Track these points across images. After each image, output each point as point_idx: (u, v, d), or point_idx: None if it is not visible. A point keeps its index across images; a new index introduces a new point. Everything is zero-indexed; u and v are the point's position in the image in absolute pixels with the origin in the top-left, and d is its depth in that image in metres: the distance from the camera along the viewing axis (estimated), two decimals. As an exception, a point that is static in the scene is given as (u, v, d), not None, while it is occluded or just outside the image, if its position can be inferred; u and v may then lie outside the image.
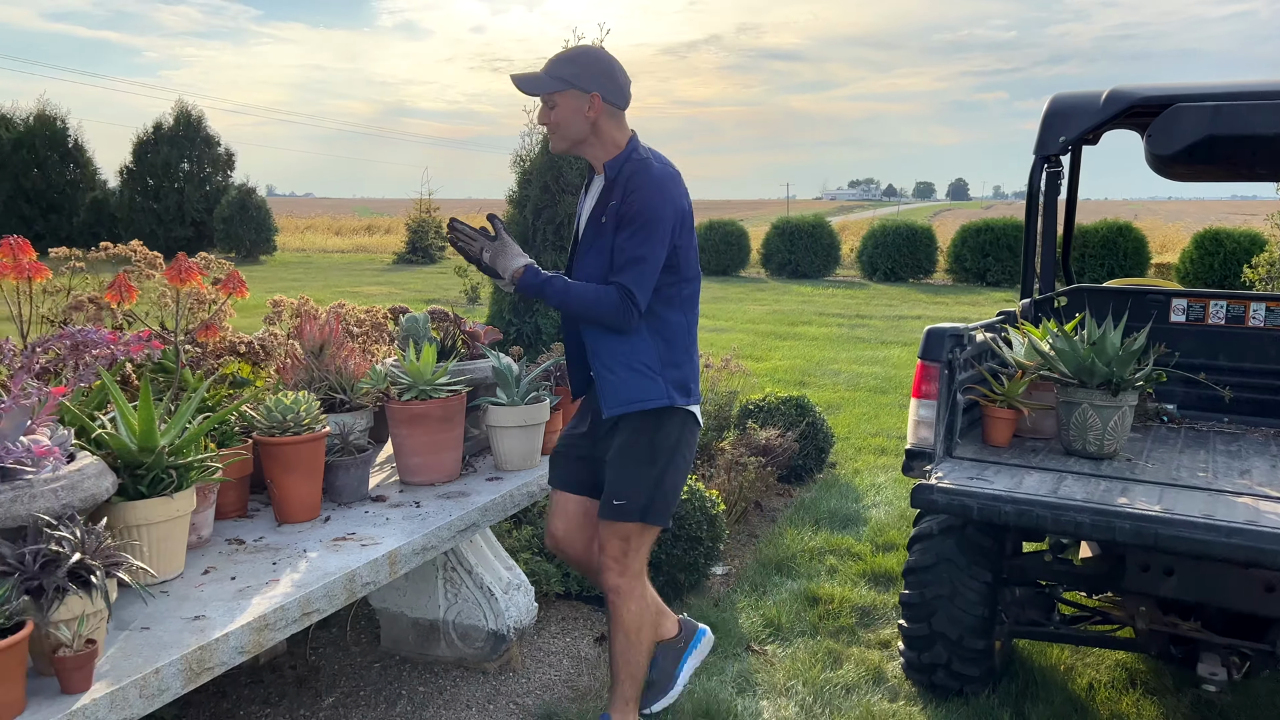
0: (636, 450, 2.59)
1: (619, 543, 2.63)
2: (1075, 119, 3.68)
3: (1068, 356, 2.84)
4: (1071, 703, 3.07)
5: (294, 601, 2.15)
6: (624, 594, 2.66)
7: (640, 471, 2.58)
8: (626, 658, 2.69)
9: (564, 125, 2.57)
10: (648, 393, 2.56)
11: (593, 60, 2.55)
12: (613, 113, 2.56)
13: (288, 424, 2.61)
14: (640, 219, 2.48)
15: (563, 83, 2.52)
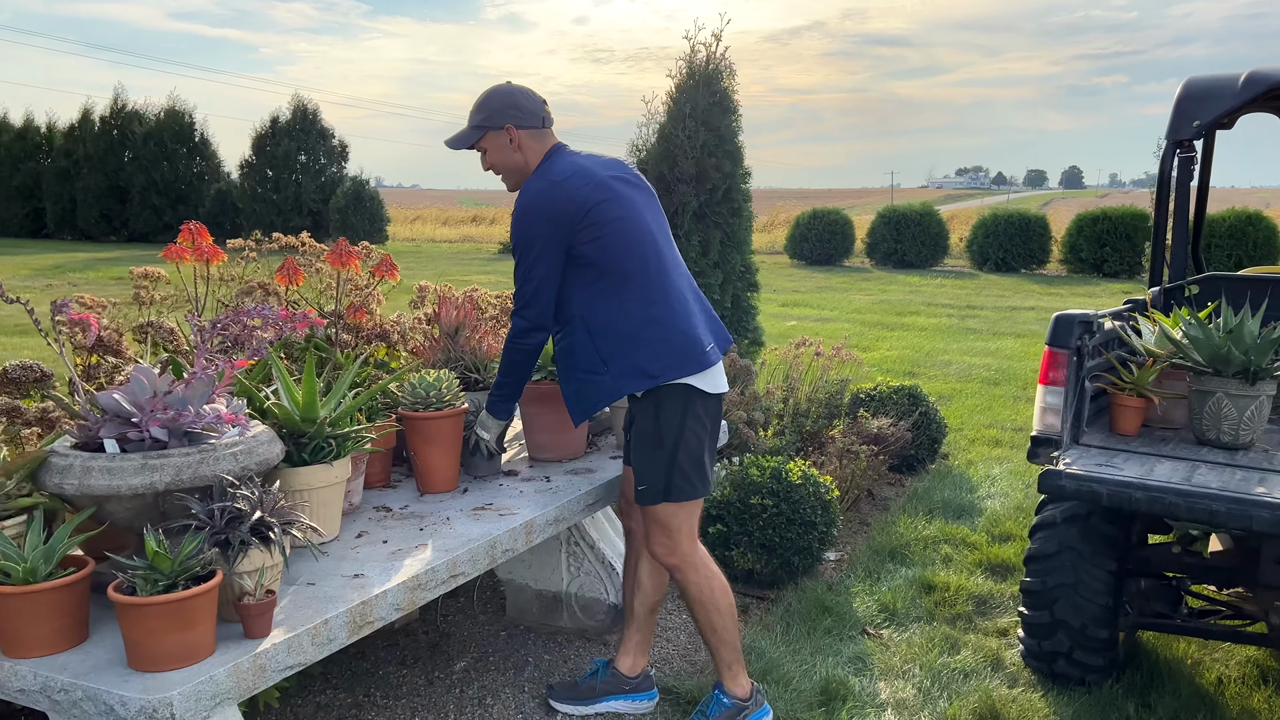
0: (646, 435, 2.66)
1: (659, 525, 2.70)
2: (1211, 102, 3.58)
3: (1202, 345, 2.78)
4: (1199, 697, 3.02)
5: (443, 564, 2.30)
6: (683, 569, 2.73)
7: (654, 455, 2.65)
8: (711, 625, 2.77)
9: (500, 164, 2.71)
10: (597, 393, 2.65)
11: (494, 97, 2.70)
12: (534, 135, 2.69)
13: (430, 400, 2.77)
14: (515, 248, 2.66)
15: (478, 130, 2.69)
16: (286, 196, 25.28)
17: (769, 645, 3.34)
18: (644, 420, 2.65)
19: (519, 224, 2.63)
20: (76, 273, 17.02)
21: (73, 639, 1.87)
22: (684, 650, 3.40)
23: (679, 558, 2.71)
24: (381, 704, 2.99)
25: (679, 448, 2.62)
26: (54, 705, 1.76)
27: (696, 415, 2.64)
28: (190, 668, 1.77)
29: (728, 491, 4.00)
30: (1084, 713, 2.91)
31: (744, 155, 5.50)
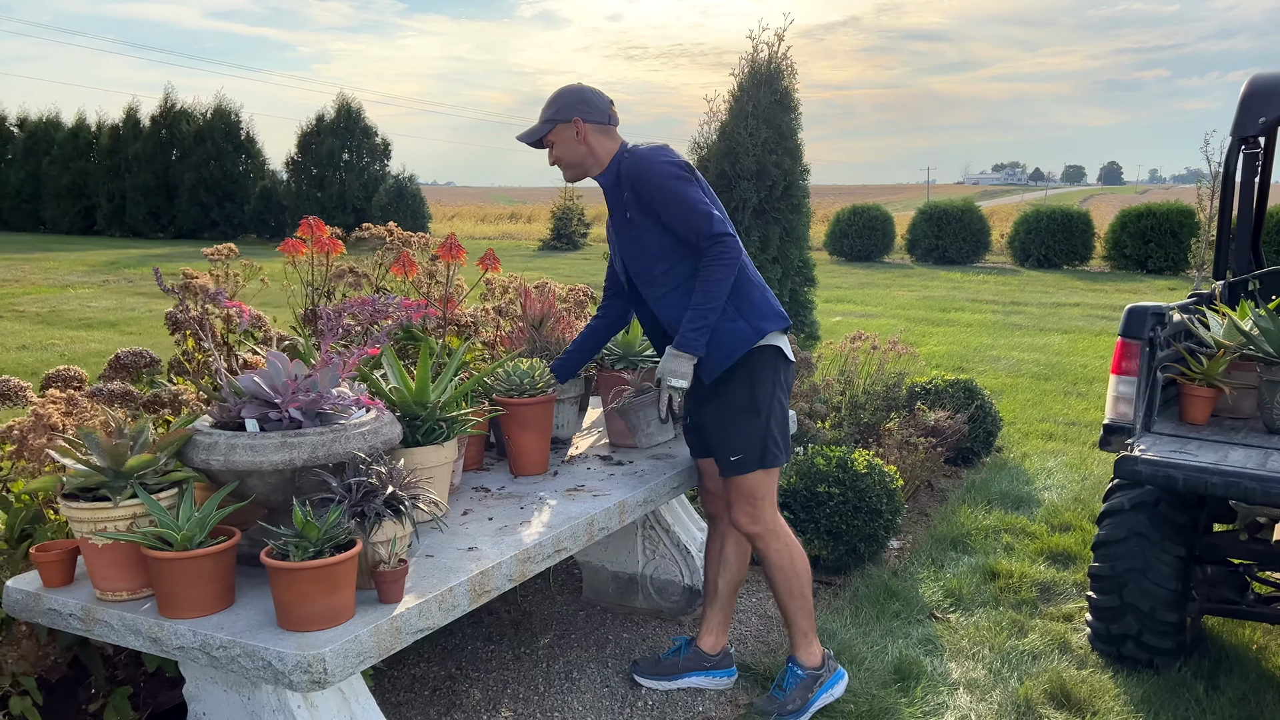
0: (741, 406, 2.77)
1: (746, 494, 2.83)
2: (1277, 99, 3.64)
3: (1273, 336, 2.86)
4: (1266, 680, 3.10)
5: (548, 539, 2.44)
6: (765, 537, 2.87)
7: (750, 424, 2.77)
8: (790, 592, 2.90)
9: (565, 156, 2.82)
10: (735, 340, 2.72)
11: (564, 94, 2.82)
12: (600, 130, 2.80)
13: (524, 386, 2.91)
14: (664, 172, 2.70)
15: (548, 124, 2.80)
16: (331, 194, 25.66)
17: (840, 628, 3.46)
18: (737, 391, 2.77)
19: (652, 167, 2.71)
20: (130, 268, 17.44)
21: (224, 602, 2.03)
22: (756, 632, 3.52)
23: (763, 525, 2.85)
24: (474, 676, 3.14)
25: (772, 414, 2.78)
26: (212, 660, 1.92)
27: (782, 383, 2.82)
28: (336, 628, 1.92)
29: (794, 480, 4.11)
30: (1154, 693, 2.99)
31: (804, 152, 5.60)
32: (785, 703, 2.88)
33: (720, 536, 3.08)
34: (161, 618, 1.98)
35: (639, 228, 2.76)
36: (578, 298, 3.97)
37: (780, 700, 2.90)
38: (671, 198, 2.68)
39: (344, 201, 25.57)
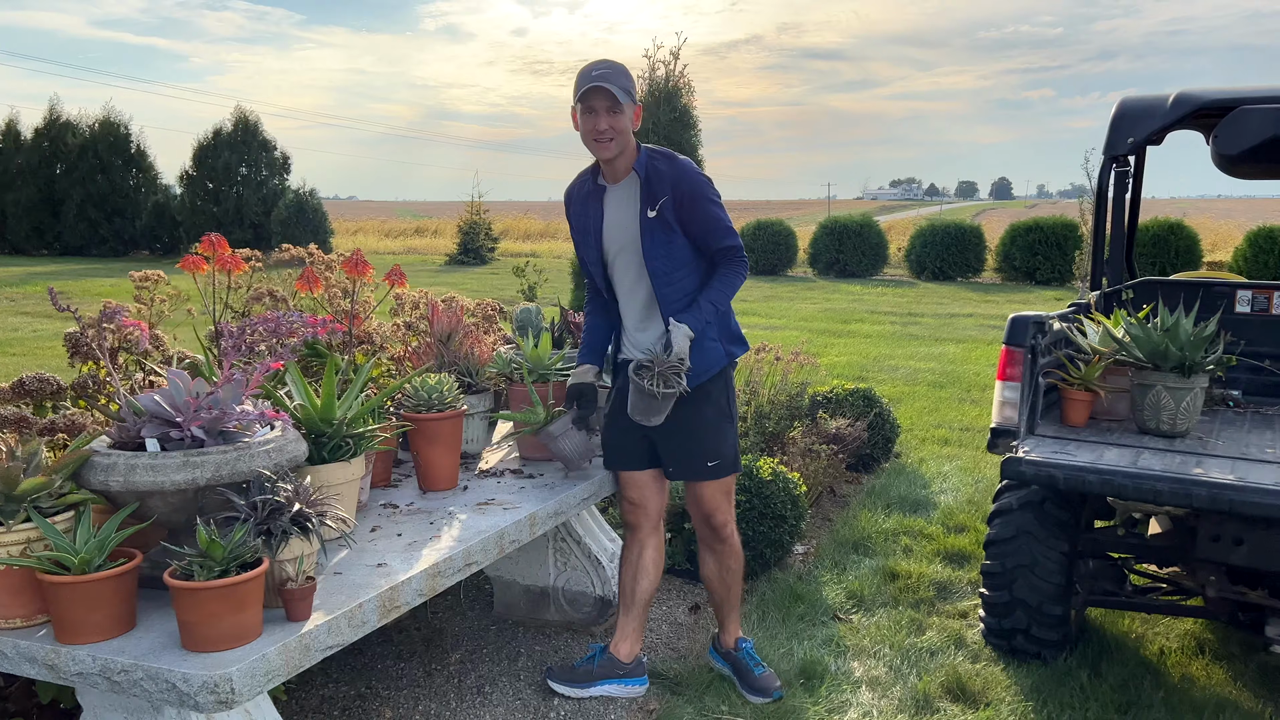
0: (720, 413, 2.98)
1: (724, 495, 3.08)
2: (1143, 121, 3.89)
3: (1142, 342, 3.06)
4: (1144, 666, 3.29)
5: (458, 553, 2.45)
6: (732, 528, 3.16)
7: (727, 430, 3.01)
8: (738, 575, 3.20)
9: (624, 135, 2.81)
10: (709, 360, 2.91)
11: (630, 74, 2.85)
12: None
13: (433, 402, 2.91)
14: (706, 190, 2.83)
15: (629, 96, 2.78)
16: (227, 209, 24.95)
17: (747, 632, 3.54)
18: (716, 399, 2.97)
19: (694, 169, 2.86)
20: (13, 287, 16.64)
21: (125, 626, 1.98)
22: (667, 639, 3.57)
23: (730, 518, 3.14)
24: (384, 695, 3.11)
25: (735, 419, 3.05)
26: (113, 686, 1.88)
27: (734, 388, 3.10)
28: (243, 647, 1.90)
29: (701, 489, 4.19)
30: (1042, 683, 3.15)
31: (705, 169, 5.71)
32: (767, 677, 3.10)
33: (639, 545, 3.13)
34: (59, 644, 1.93)
35: (672, 231, 2.83)
36: (486, 312, 3.98)
37: (763, 674, 3.12)
38: (710, 216, 2.84)
39: (241, 216, 24.90)
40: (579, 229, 3.00)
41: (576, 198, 3.02)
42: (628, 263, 2.93)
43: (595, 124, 2.75)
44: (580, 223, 2.99)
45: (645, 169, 2.84)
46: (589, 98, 2.74)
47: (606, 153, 2.81)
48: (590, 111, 2.75)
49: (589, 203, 2.97)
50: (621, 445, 3.08)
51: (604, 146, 2.79)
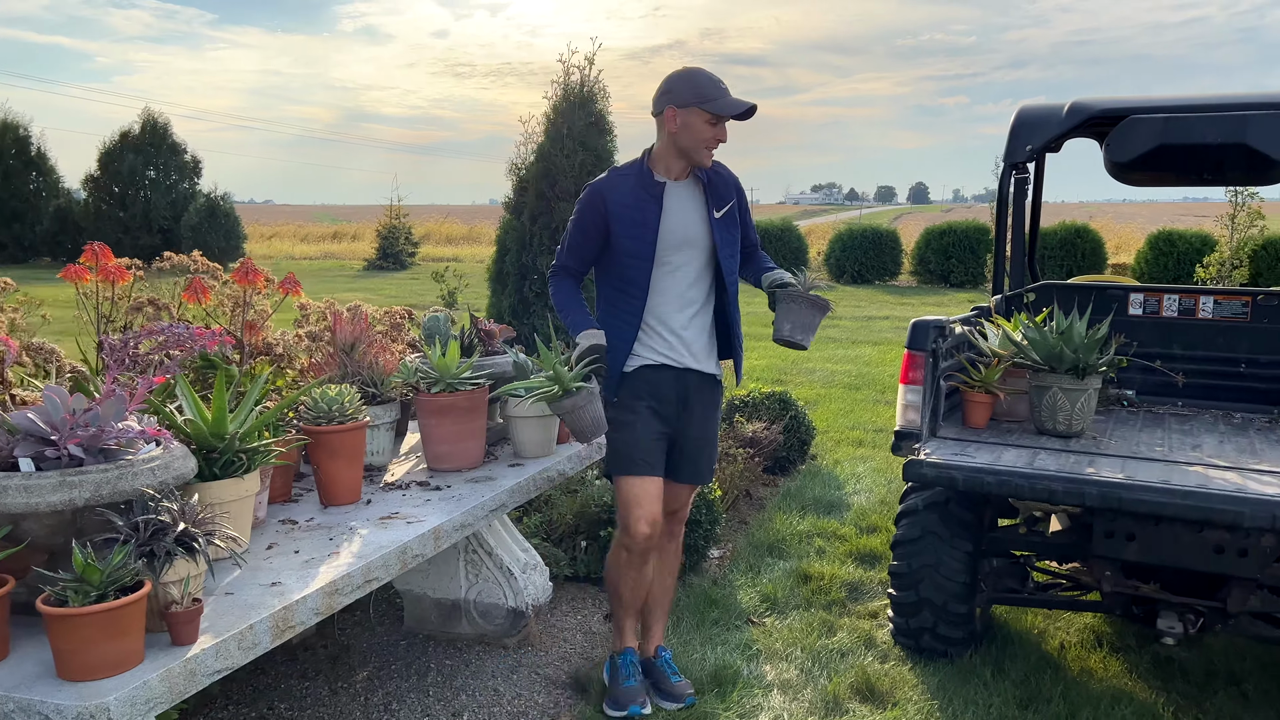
0: (718, 416, 3.19)
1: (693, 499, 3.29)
2: (1040, 129, 4.00)
3: (1039, 345, 3.14)
4: (1044, 660, 3.38)
5: (357, 570, 2.39)
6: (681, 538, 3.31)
7: (717, 434, 3.19)
8: (676, 577, 3.31)
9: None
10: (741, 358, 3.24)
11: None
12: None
13: (333, 414, 2.84)
14: (747, 202, 3.15)
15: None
16: (135, 214, 24.13)
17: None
18: (719, 403, 3.16)
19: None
20: (-100, 296, 15.83)
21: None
22: (582, 649, 3.55)
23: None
24: (287, 716, 3.02)
25: None
26: (-19, 721, 1.78)
27: None
28: (123, 675, 1.82)
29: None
30: (947, 680, 3.21)
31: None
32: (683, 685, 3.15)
33: (647, 559, 3.07)
34: (-80, 679, 1.82)
35: (736, 230, 3.07)
36: (394, 320, 3.91)
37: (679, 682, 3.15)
38: (750, 218, 3.21)
39: (149, 221, 24.11)
40: (631, 222, 2.93)
41: (621, 193, 2.95)
42: (689, 259, 2.99)
43: (720, 135, 2.90)
44: (633, 215, 2.94)
45: (706, 173, 2.99)
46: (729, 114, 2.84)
47: (709, 161, 2.96)
48: (716, 123, 2.86)
49: (644, 199, 2.95)
50: (653, 453, 2.98)
51: (710, 156, 2.94)
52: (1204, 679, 3.26)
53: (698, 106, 2.83)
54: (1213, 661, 3.38)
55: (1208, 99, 3.74)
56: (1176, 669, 3.34)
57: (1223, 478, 2.70)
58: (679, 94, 2.85)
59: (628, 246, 2.95)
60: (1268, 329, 3.78)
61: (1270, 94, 3.65)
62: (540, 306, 5.42)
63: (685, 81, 2.87)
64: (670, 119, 2.87)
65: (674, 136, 2.88)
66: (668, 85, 2.90)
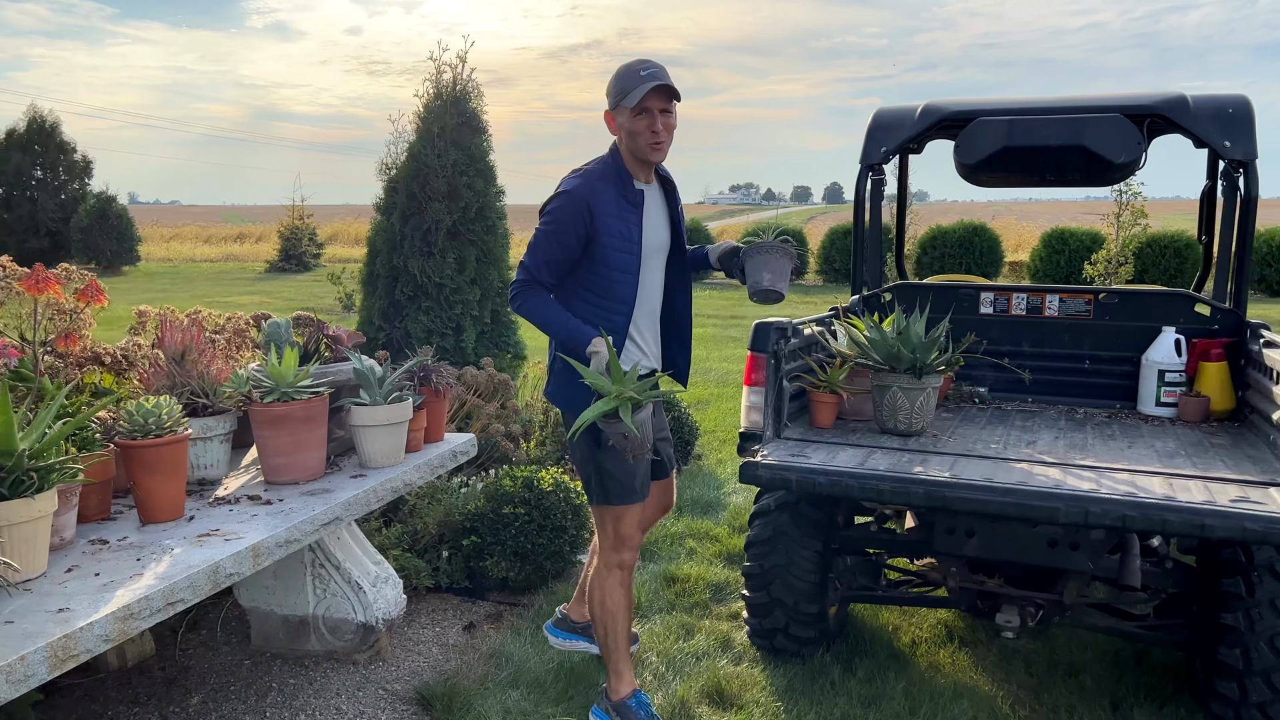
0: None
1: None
2: (894, 131, 4.05)
3: (879, 345, 3.17)
4: (894, 657, 3.41)
5: (158, 592, 2.27)
6: None
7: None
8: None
9: (670, 136, 2.78)
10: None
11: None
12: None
13: (149, 427, 2.71)
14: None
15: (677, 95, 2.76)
16: (20, 216, 23.06)
17: (517, 648, 3.47)
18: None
19: None
20: None
21: None
22: (435, 662, 3.46)
23: None
24: (109, 745, 2.88)
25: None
26: None
27: None
28: None
29: (481, 503, 4.10)
30: (796, 681, 3.22)
31: (496, 174, 5.63)
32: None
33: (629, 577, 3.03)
34: None
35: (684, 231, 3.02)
36: (238, 326, 3.77)
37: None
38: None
39: (36, 224, 23.07)
40: (620, 235, 2.75)
41: (605, 202, 2.74)
42: (657, 265, 2.90)
43: (653, 125, 2.67)
44: (619, 227, 2.75)
45: (667, 173, 2.92)
46: (649, 98, 2.65)
47: (661, 155, 2.75)
48: (646, 113, 2.67)
49: (627, 209, 2.77)
50: (643, 473, 2.87)
51: (660, 150, 2.73)
52: (1046, 670, 3.33)
53: (621, 105, 2.72)
54: (1055, 653, 3.46)
55: (1050, 103, 3.83)
56: (1021, 662, 3.41)
57: (1045, 474, 2.75)
58: (610, 99, 2.76)
59: (615, 260, 2.77)
60: (1109, 326, 3.89)
61: (1107, 97, 3.76)
62: (413, 309, 5.31)
63: (611, 85, 2.75)
64: (611, 126, 2.79)
65: (620, 141, 2.78)
66: (608, 90, 2.77)
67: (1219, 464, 2.88)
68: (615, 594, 2.93)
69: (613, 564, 2.94)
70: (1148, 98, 3.68)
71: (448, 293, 5.34)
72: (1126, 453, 3.04)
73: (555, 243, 2.73)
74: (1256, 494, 2.55)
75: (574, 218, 2.71)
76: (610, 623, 2.94)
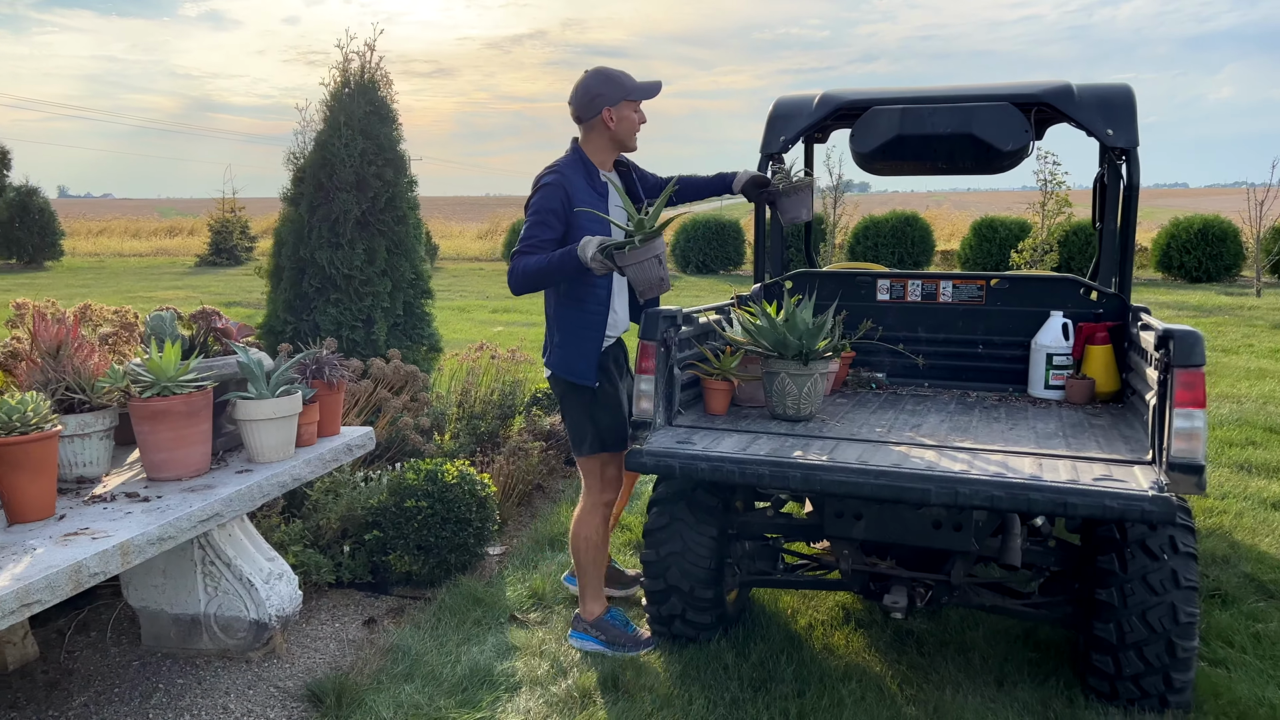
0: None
1: None
2: (793, 121, 4.08)
3: (767, 332, 3.19)
4: (789, 638, 3.45)
5: (10, 594, 2.20)
6: None
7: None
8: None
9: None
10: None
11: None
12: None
13: (14, 424, 2.63)
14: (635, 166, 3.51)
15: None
16: (-66, 210, 22.27)
17: (416, 642, 3.45)
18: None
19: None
20: None
21: None
22: (332, 659, 3.42)
23: None
24: (-20, 753, 2.80)
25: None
26: None
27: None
28: None
29: (384, 497, 4.06)
30: (691, 667, 3.24)
31: (408, 164, 5.56)
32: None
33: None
34: None
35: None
36: (125, 319, 3.67)
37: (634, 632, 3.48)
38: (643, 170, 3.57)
39: (-48, 218, 22.29)
40: (595, 223, 3.15)
41: (577, 189, 3.17)
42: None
43: (643, 118, 3.29)
44: (591, 215, 3.16)
45: (624, 158, 3.39)
46: (651, 96, 3.27)
47: (636, 144, 3.31)
48: (638, 109, 3.27)
49: (594, 195, 3.22)
50: (623, 424, 3.35)
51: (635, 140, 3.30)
52: (936, 649, 3.40)
53: (626, 99, 3.21)
54: (947, 632, 3.53)
55: (943, 92, 3.89)
56: (914, 642, 3.46)
57: (920, 456, 2.79)
58: (609, 95, 3.19)
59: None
60: (1000, 311, 3.97)
61: (997, 87, 3.83)
62: (321, 302, 5.23)
63: (608, 82, 3.20)
64: (608, 118, 3.20)
65: (612, 133, 3.23)
66: (595, 91, 3.19)
67: (1092, 444, 2.96)
68: (598, 529, 3.42)
69: (597, 504, 3.41)
70: (1034, 87, 3.75)
71: (357, 284, 5.27)
72: (1007, 434, 3.10)
73: (542, 228, 3.12)
74: (1120, 472, 2.62)
75: (554, 203, 3.12)
76: (588, 552, 3.43)
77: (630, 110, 3.23)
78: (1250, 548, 4.35)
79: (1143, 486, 2.47)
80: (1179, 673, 2.84)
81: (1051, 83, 3.75)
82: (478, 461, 5.00)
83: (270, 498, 3.18)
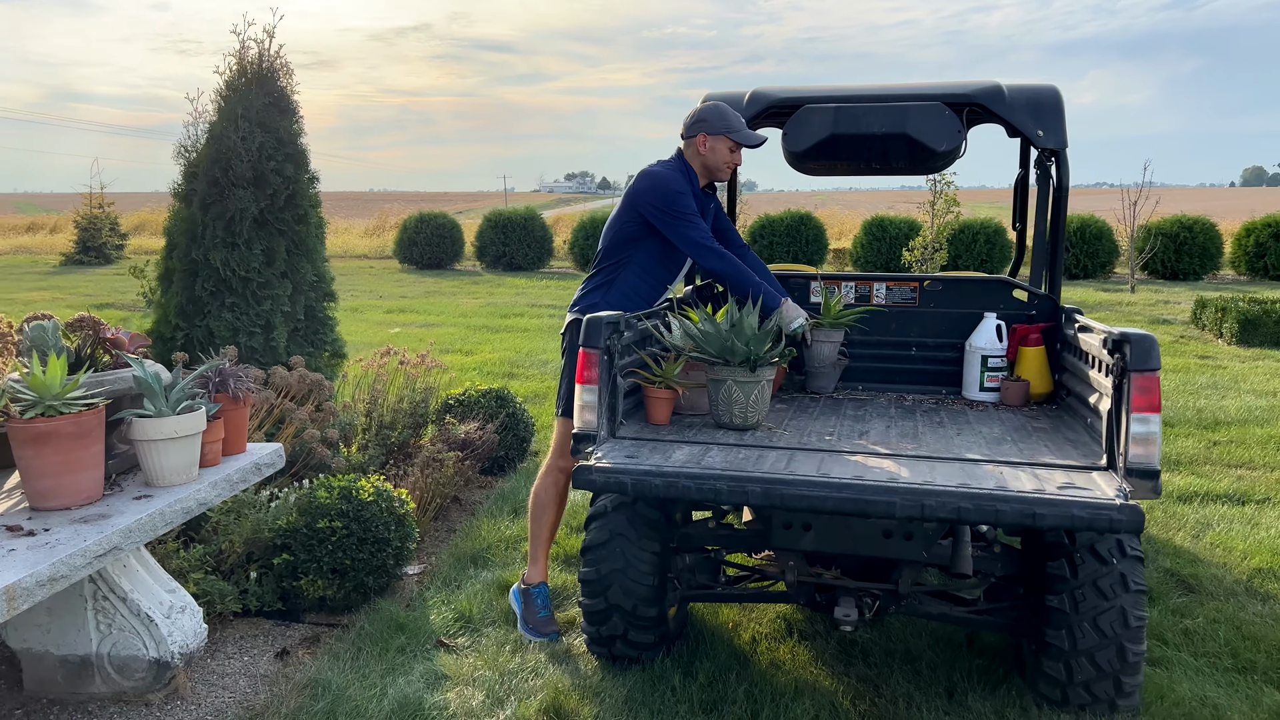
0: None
1: None
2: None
3: (712, 338, 3.06)
4: (735, 655, 3.33)
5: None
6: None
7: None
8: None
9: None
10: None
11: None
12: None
13: None
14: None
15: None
16: None
17: (336, 675, 3.19)
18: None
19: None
20: None
21: None
22: (242, 696, 3.14)
23: None
24: None
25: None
26: None
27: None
28: None
29: (294, 517, 3.77)
30: (636, 690, 3.08)
31: (309, 159, 5.23)
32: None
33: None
34: None
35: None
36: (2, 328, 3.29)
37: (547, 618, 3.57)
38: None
39: None
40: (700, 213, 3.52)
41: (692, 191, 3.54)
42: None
43: (737, 160, 3.59)
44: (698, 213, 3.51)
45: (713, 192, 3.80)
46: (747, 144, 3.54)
47: (726, 176, 3.63)
48: (736, 149, 3.54)
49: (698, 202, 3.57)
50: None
51: (728, 173, 3.61)
52: (883, 659, 3.33)
53: (725, 135, 3.50)
54: (891, 641, 3.47)
55: (876, 91, 3.83)
56: (859, 652, 3.39)
57: (880, 466, 2.71)
58: (712, 124, 3.49)
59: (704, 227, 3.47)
60: (933, 313, 3.94)
61: (929, 86, 3.79)
62: (216, 306, 4.86)
63: (717, 114, 3.49)
64: (701, 143, 3.51)
65: (703, 158, 3.53)
66: (702, 115, 3.51)
67: (1044, 449, 2.92)
68: (548, 489, 3.62)
69: (553, 467, 3.59)
70: (966, 87, 3.73)
71: (255, 287, 4.92)
72: (955, 440, 3.05)
73: (685, 198, 3.43)
74: (1081, 479, 2.58)
75: (681, 184, 3.46)
76: (540, 514, 3.63)
77: (724, 145, 3.50)
78: (1165, 542, 4.45)
79: (1108, 494, 2.43)
80: (1128, 676, 2.83)
81: (982, 83, 3.74)
82: (390, 474, 4.73)
83: (174, 526, 2.87)
